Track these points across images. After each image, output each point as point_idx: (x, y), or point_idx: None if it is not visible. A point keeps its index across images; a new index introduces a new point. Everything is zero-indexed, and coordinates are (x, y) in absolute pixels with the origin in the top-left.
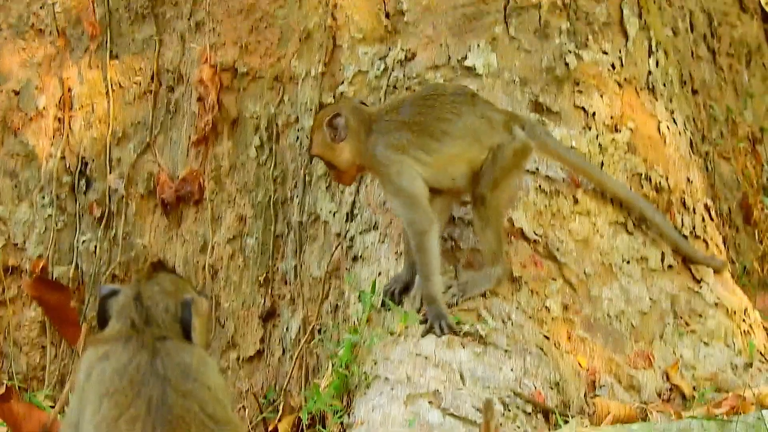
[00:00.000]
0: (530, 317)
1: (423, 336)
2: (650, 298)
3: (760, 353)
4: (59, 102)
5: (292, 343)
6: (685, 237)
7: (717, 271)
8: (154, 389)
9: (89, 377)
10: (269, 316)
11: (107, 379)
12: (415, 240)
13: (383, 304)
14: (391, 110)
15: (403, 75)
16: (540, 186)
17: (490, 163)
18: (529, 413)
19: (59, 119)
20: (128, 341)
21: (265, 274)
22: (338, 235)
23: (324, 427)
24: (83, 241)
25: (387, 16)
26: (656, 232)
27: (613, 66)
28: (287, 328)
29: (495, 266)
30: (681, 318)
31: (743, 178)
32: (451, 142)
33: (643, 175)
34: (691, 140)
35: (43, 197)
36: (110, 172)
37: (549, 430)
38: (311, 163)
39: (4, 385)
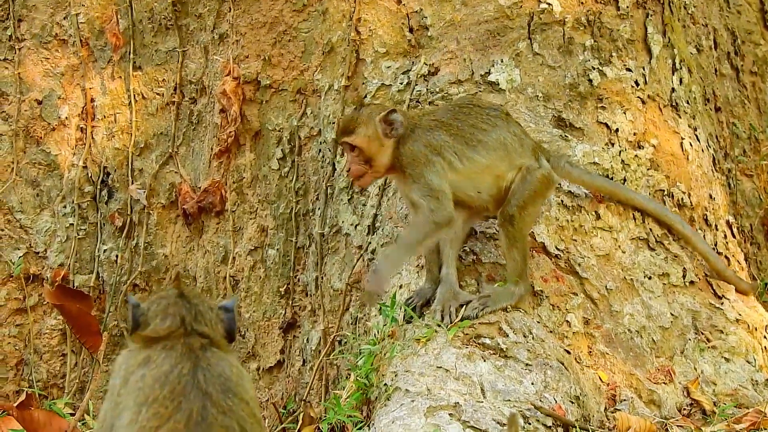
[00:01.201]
0: (551, 331)
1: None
2: (671, 314)
3: None
4: (82, 112)
5: (313, 354)
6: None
7: (744, 293)
8: (195, 403)
9: (126, 382)
10: (290, 327)
11: (147, 387)
12: (425, 225)
13: (405, 316)
14: (430, 113)
15: (426, 89)
16: (562, 201)
17: (519, 183)
18: (550, 427)
19: (82, 129)
20: (171, 347)
21: (286, 286)
22: (360, 247)
23: None
24: (104, 251)
25: (411, 30)
26: (688, 247)
27: (636, 83)
28: (308, 339)
29: (519, 285)
30: (702, 334)
31: (765, 195)
32: (484, 152)
33: (666, 192)
34: (713, 157)
35: (65, 206)
36: (132, 183)
37: None
38: (335, 153)
39: (25, 393)
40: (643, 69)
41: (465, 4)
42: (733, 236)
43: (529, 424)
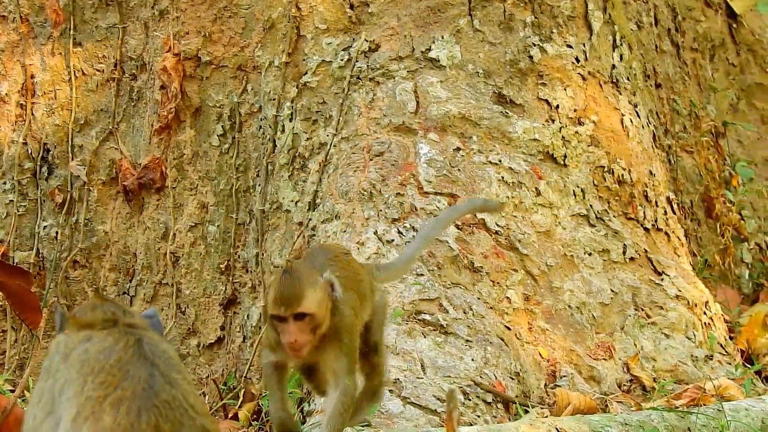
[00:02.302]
0: (491, 308)
1: None
2: (611, 290)
3: (721, 346)
4: (22, 88)
5: (253, 331)
6: (647, 230)
7: (496, 210)
8: (142, 371)
9: (67, 358)
10: (230, 303)
11: (92, 359)
12: (344, 405)
13: None
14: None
15: (367, 66)
16: (503, 177)
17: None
18: (490, 403)
19: (22, 105)
20: (111, 327)
21: (226, 262)
22: (300, 224)
23: None
24: (44, 227)
25: (351, 7)
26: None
27: (577, 59)
28: (248, 316)
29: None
30: (642, 310)
31: (705, 172)
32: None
33: (606, 168)
34: (654, 134)
35: (5, 183)
36: (72, 159)
37: (509, 420)
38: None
39: None
40: (584, 45)
41: None
42: (674, 212)
43: (469, 400)
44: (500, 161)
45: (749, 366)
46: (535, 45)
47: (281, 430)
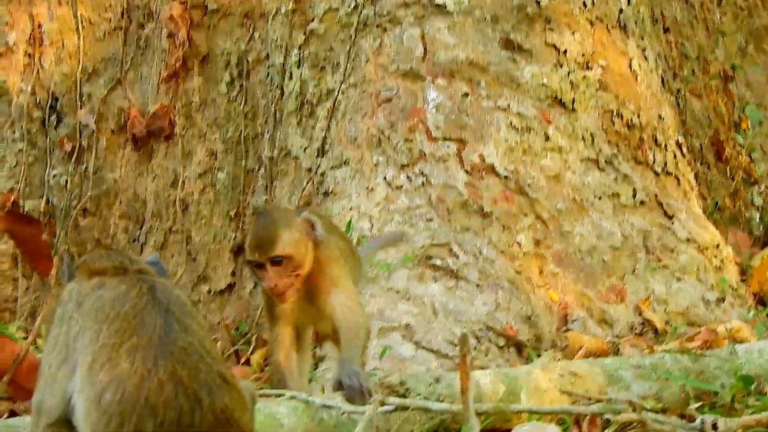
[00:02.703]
0: (502, 252)
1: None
2: (622, 234)
3: (732, 288)
4: (30, 38)
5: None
6: (657, 174)
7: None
8: (158, 318)
9: (80, 306)
10: (240, 249)
11: (107, 306)
12: (362, 337)
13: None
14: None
15: (374, 12)
16: (511, 122)
17: None
18: (502, 347)
19: (29, 55)
20: (123, 274)
21: (236, 209)
22: (309, 170)
23: None
24: (54, 176)
25: None
26: None
27: (584, 4)
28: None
29: None
30: (653, 253)
31: (715, 115)
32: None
33: (615, 112)
34: (662, 78)
35: (14, 132)
36: (81, 108)
37: (522, 363)
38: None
39: None
40: None
41: None
42: (683, 156)
43: (481, 344)
44: (509, 106)
45: (761, 308)
46: None
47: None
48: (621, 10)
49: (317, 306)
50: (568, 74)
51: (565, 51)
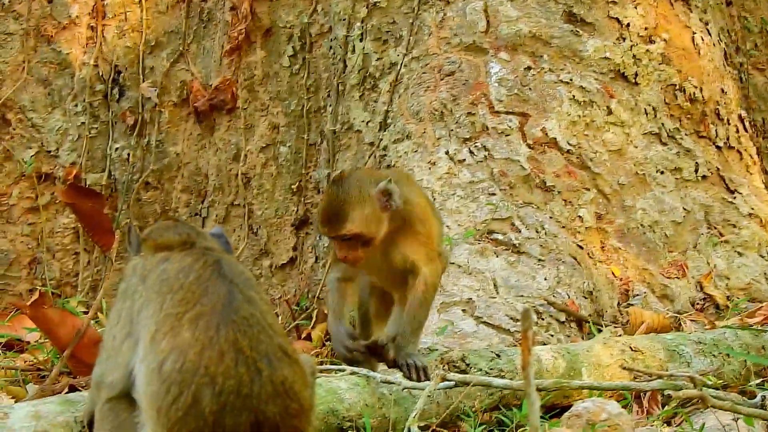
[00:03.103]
0: (563, 227)
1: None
2: (684, 209)
3: None
4: (92, 11)
5: (325, 251)
6: (719, 148)
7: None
8: (222, 288)
9: (145, 279)
10: (302, 224)
11: (171, 278)
12: (426, 293)
13: None
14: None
15: None
16: (574, 96)
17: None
18: (563, 322)
19: (92, 28)
20: (189, 248)
21: (298, 183)
22: (371, 144)
23: None
24: (116, 149)
25: None
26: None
27: None
28: (320, 237)
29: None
30: (714, 228)
31: None
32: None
33: (677, 86)
34: (725, 51)
35: (76, 105)
36: (143, 81)
37: (583, 338)
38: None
39: (38, 291)
40: None
41: None
42: (746, 130)
43: (543, 319)
44: (571, 80)
45: None
46: None
47: (338, 345)
48: None
49: (390, 262)
50: (631, 48)
51: (628, 24)
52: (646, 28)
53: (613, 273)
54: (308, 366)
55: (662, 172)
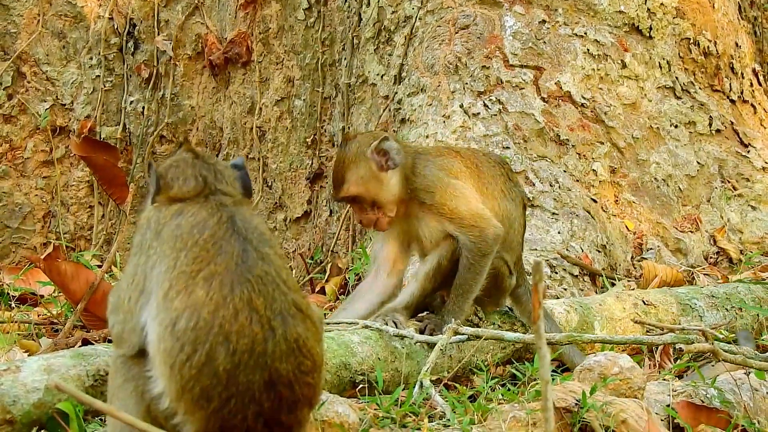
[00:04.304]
0: (577, 180)
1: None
2: (698, 162)
3: None
4: None
5: (340, 205)
6: (733, 102)
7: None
8: (236, 246)
9: (159, 234)
10: (317, 177)
11: (185, 234)
12: (474, 260)
13: None
14: (437, 147)
15: None
16: (588, 50)
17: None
18: (576, 275)
19: None
20: (203, 201)
21: (312, 136)
22: (386, 97)
23: None
24: (131, 102)
25: None
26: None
27: None
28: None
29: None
30: (728, 182)
31: None
32: (501, 197)
33: (692, 40)
34: (739, 5)
35: (91, 58)
36: (158, 34)
37: (596, 292)
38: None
39: (52, 245)
40: None
41: None
42: (759, 84)
43: (556, 273)
44: (586, 33)
45: None
46: None
47: None
48: None
49: (418, 236)
50: (645, 1)
51: None
52: None
53: (626, 227)
54: (318, 318)
55: (676, 126)
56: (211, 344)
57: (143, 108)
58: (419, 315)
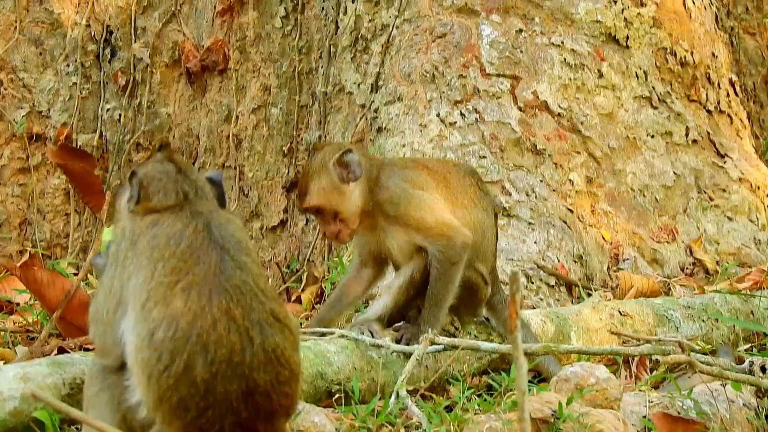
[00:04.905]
0: (554, 190)
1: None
2: (674, 173)
3: None
4: None
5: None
6: (710, 112)
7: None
8: (213, 256)
9: (134, 245)
10: (293, 186)
11: (161, 245)
12: (444, 270)
13: None
14: (405, 159)
15: None
16: (565, 59)
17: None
18: (553, 285)
19: None
20: (179, 211)
21: (289, 144)
22: (363, 106)
23: None
24: (108, 110)
25: None
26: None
27: None
28: None
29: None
30: (705, 193)
31: None
32: (471, 206)
33: (669, 50)
34: (716, 15)
35: (68, 65)
36: (135, 41)
37: (572, 302)
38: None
39: (28, 252)
40: None
41: None
42: (736, 94)
43: (532, 283)
44: (563, 43)
45: None
46: None
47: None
48: None
49: (387, 249)
50: (622, 11)
51: None
52: None
53: (603, 237)
54: (295, 327)
55: (653, 136)
56: (189, 354)
57: (120, 116)
58: (395, 325)
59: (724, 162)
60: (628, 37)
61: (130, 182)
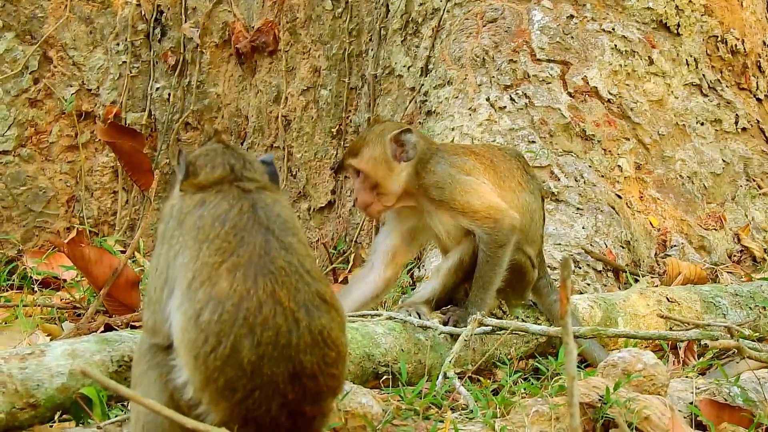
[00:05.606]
0: (602, 176)
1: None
2: (723, 160)
3: None
4: None
5: None
6: (760, 100)
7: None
8: (258, 237)
9: (182, 224)
10: (341, 167)
11: (207, 225)
12: (491, 252)
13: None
14: (453, 145)
15: None
16: (615, 46)
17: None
18: (600, 271)
19: None
20: (226, 189)
21: (338, 126)
22: (412, 89)
23: None
24: (157, 89)
25: None
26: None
27: None
28: None
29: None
30: (753, 180)
31: None
32: (515, 190)
33: (719, 38)
34: (767, 3)
35: (118, 44)
36: (185, 21)
37: (619, 288)
38: (337, 177)
39: (76, 230)
40: None
41: None
42: None
43: (580, 268)
44: (613, 29)
45: None
46: None
47: None
48: None
49: (433, 232)
50: None
51: None
52: None
53: (651, 223)
54: (342, 308)
55: (702, 124)
56: (236, 336)
57: (169, 95)
58: (443, 308)
59: None
60: (679, 25)
61: (177, 160)
